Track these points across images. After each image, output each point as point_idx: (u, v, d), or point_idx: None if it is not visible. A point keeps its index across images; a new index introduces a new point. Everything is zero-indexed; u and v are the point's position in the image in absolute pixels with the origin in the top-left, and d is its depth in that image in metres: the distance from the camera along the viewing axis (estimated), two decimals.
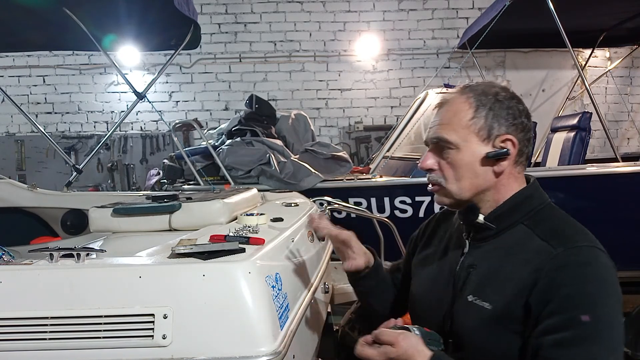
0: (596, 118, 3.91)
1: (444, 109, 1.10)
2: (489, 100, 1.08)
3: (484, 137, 1.07)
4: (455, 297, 1.10)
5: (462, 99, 1.09)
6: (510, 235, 1.08)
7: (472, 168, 1.08)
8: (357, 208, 3.32)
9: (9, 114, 6.17)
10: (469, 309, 1.05)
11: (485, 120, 1.07)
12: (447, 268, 1.16)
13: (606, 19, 4.83)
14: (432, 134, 1.11)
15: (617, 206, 3.47)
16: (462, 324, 1.06)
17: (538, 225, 1.06)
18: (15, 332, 1.00)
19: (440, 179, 1.10)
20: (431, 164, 1.11)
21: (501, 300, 1.01)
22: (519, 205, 1.09)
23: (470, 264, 1.10)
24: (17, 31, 3.37)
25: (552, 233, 1.03)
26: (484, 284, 1.06)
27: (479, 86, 1.11)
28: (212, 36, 6.38)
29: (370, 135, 6.49)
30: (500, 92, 1.09)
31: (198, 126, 4.10)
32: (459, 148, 1.07)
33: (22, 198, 2.67)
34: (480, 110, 1.07)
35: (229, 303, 1.02)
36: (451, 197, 1.11)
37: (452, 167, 1.08)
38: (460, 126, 1.07)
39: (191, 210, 1.70)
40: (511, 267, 1.03)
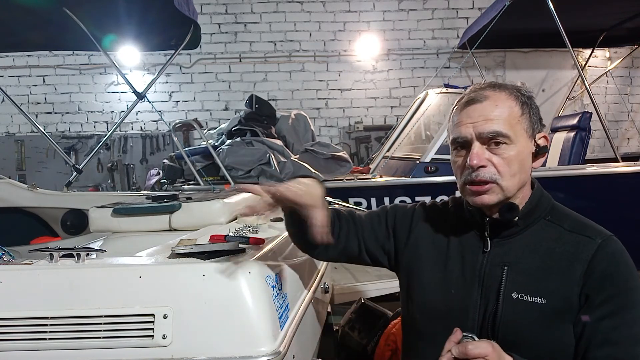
0: (596, 118, 3.91)
1: (489, 104, 1.06)
2: (527, 99, 1.10)
3: (530, 134, 1.09)
4: (491, 298, 1.08)
5: (506, 95, 1.08)
6: (537, 231, 1.10)
7: (523, 164, 1.08)
8: (357, 208, 3.32)
9: (9, 114, 6.17)
10: (517, 306, 1.04)
11: (529, 118, 1.09)
12: (468, 269, 1.12)
13: (606, 19, 4.83)
14: (487, 129, 1.05)
15: (617, 206, 3.46)
16: (513, 322, 1.05)
17: (561, 219, 1.11)
18: (15, 332, 1.00)
19: (495, 175, 1.06)
20: (485, 161, 1.06)
21: (556, 293, 1.03)
22: (540, 202, 1.13)
23: (502, 262, 1.09)
24: (17, 31, 3.37)
25: (581, 226, 1.09)
26: (527, 280, 1.06)
27: (509, 85, 1.12)
28: (212, 36, 6.38)
29: (370, 135, 6.49)
30: (528, 90, 1.13)
31: (198, 126, 4.10)
32: (515, 143, 1.06)
33: (22, 198, 2.67)
34: (525, 107, 1.09)
35: (229, 303, 1.02)
36: (502, 195, 1.07)
37: (507, 163, 1.06)
38: (514, 121, 1.06)
39: (191, 210, 1.70)
40: (553, 261, 1.06)
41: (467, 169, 1.07)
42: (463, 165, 1.09)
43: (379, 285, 2.78)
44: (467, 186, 1.09)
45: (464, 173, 1.09)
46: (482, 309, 1.08)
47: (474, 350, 0.91)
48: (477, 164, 1.05)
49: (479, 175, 1.06)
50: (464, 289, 1.11)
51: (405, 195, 3.68)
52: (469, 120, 1.07)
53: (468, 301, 1.10)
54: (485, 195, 1.07)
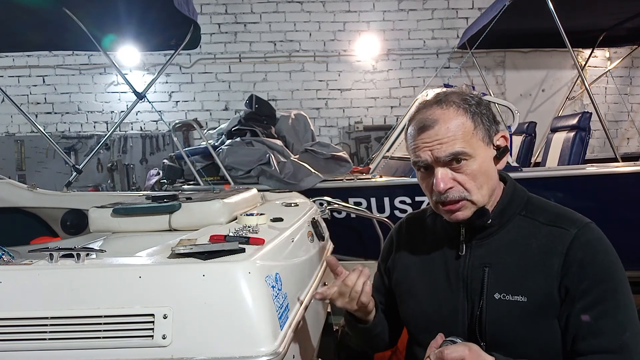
0: (596, 118, 3.91)
1: (440, 127, 1.07)
2: (475, 106, 1.10)
3: (487, 141, 1.10)
4: (475, 300, 1.09)
5: (454, 111, 1.08)
6: (512, 228, 1.11)
7: (488, 173, 1.10)
8: (357, 208, 3.33)
9: (8, 114, 6.17)
10: (499, 306, 1.06)
11: (483, 126, 1.09)
12: (451, 274, 1.14)
13: (606, 19, 4.83)
14: (444, 152, 1.06)
15: (617, 206, 3.46)
16: (497, 322, 1.06)
17: (536, 213, 1.11)
18: (15, 332, 1.00)
19: (464, 193, 1.08)
20: (450, 183, 1.07)
21: (537, 290, 1.03)
22: (513, 199, 1.14)
23: (482, 263, 1.10)
24: (17, 31, 3.36)
25: (556, 217, 1.09)
26: (508, 279, 1.07)
27: (454, 96, 1.11)
28: (212, 36, 6.38)
29: (370, 135, 6.49)
30: (473, 95, 1.12)
31: (198, 126, 4.10)
32: (474, 157, 1.07)
33: (22, 198, 2.67)
34: (476, 117, 1.09)
35: (229, 303, 1.02)
36: (474, 207, 1.09)
37: (472, 178, 1.08)
38: (469, 136, 1.07)
39: (191, 210, 1.70)
40: (531, 257, 1.06)
41: (436, 192, 1.09)
42: (431, 187, 1.10)
43: None
44: (440, 205, 1.11)
45: (434, 194, 1.10)
46: (469, 312, 1.10)
47: (450, 354, 0.92)
48: (443, 188, 1.07)
49: (448, 197, 1.08)
50: (451, 294, 1.13)
51: (405, 195, 3.68)
52: (425, 145, 1.08)
53: (456, 305, 1.12)
54: (459, 212, 1.09)
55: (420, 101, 1.15)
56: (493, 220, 1.11)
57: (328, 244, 2.15)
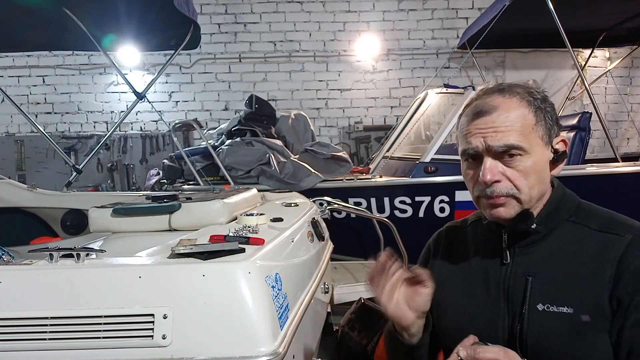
0: (596, 118, 3.92)
1: (499, 115, 0.99)
2: (540, 102, 1.02)
3: (546, 141, 1.02)
4: (517, 311, 1.01)
5: (517, 102, 1.00)
6: (560, 235, 1.03)
7: (541, 174, 1.02)
8: (357, 208, 3.32)
9: (8, 114, 6.17)
10: (544, 318, 0.98)
11: (545, 123, 1.01)
12: (491, 284, 1.07)
13: (606, 19, 4.83)
14: (499, 142, 0.98)
15: (617, 206, 3.44)
16: (540, 335, 0.98)
17: (587, 219, 1.03)
18: (15, 332, 1.00)
19: (512, 189, 0.99)
20: (499, 176, 0.99)
21: (585, 300, 0.95)
22: (561, 204, 1.06)
23: (526, 272, 1.02)
24: (17, 31, 3.37)
25: (609, 223, 1.01)
26: (553, 289, 0.99)
27: (518, 87, 1.03)
28: (212, 36, 6.38)
29: (370, 135, 6.49)
30: (540, 90, 1.04)
31: (198, 126, 4.10)
32: (530, 154, 0.99)
33: (22, 198, 2.67)
34: (539, 113, 1.01)
35: (229, 303, 1.02)
36: (519, 207, 1.01)
37: (523, 176, 0.99)
38: (528, 131, 0.99)
39: (191, 210, 1.70)
40: (579, 266, 0.98)
41: (480, 184, 1.01)
42: (476, 179, 1.02)
43: None
44: (482, 199, 1.04)
45: (477, 187, 1.03)
46: (509, 324, 1.02)
47: (484, 353, 0.87)
48: (490, 180, 0.99)
49: (495, 192, 1.00)
50: (490, 305, 1.06)
51: (405, 195, 3.68)
52: (479, 132, 1.00)
53: (495, 317, 1.04)
54: (502, 209, 1.01)
55: (480, 87, 1.07)
56: (539, 226, 1.02)
57: (328, 244, 2.15)
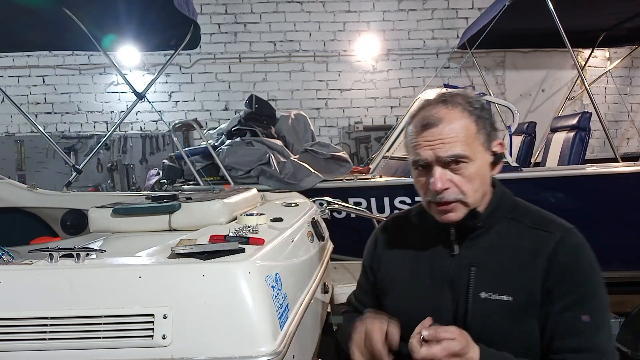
0: (596, 118, 3.91)
1: (445, 126, 1.08)
2: (480, 111, 1.12)
3: (487, 146, 1.12)
4: (461, 299, 1.12)
5: (459, 113, 1.10)
6: (500, 230, 1.15)
7: (484, 177, 1.13)
8: (357, 208, 3.32)
9: (8, 114, 6.16)
10: (486, 305, 1.09)
11: (485, 130, 1.11)
12: (436, 274, 1.17)
13: (606, 19, 4.83)
14: (446, 153, 1.08)
15: (617, 206, 3.46)
16: (482, 321, 1.09)
17: (523, 216, 1.15)
18: (15, 332, 1.00)
19: (459, 195, 1.10)
20: (447, 183, 1.09)
21: (521, 289, 1.07)
22: (501, 202, 1.17)
23: (470, 263, 1.13)
24: (17, 31, 3.36)
25: (542, 221, 1.14)
26: (494, 279, 1.10)
27: (459, 97, 1.12)
28: (212, 36, 6.38)
29: (370, 135, 6.48)
30: (478, 99, 1.14)
31: (198, 126, 4.10)
32: (474, 161, 1.09)
33: (22, 198, 2.67)
34: (480, 121, 1.11)
35: (229, 303, 1.02)
36: (466, 210, 1.12)
37: (469, 181, 1.10)
38: (471, 139, 1.09)
39: (191, 210, 1.70)
40: (517, 258, 1.10)
41: (431, 191, 1.11)
42: (426, 186, 1.12)
43: None
44: (433, 204, 1.13)
45: (428, 193, 1.12)
46: (454, 311, 1.13)
47: (443, 333, 0.98)
48: (441, 188, 1.09)
49: (444, 198, 1.10)
50: (435, 293, 1.15)
51: (405, 195, 3.67)
52: (427, 143, 1.09)
53: (440, 304, 1.14)
54: (452, 214, 1.12)
55: (424, 99, 1.17)
56: (482, 222, 1.14)
57: (328, 244, 2.15)
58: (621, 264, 3.44)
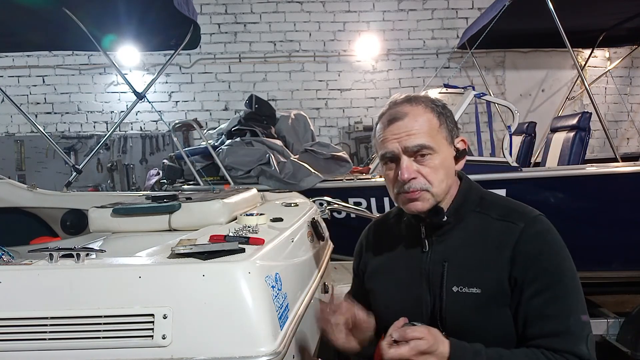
0: (596, 118, 3.91)
1: (410, 120, 1.15)
2: (441, 108, 1.20)
3: (449, 141, 1.20)
4: (436, 293, 1.17)
5: (423, 109, 1.17)
6: (468, 225, 1.19)
7: (448, 169, 1.18)
8: (357, 208, 3.32)
9: (8, 114, 6.16)
10: (457, 298, 1.13)
11: (447, 126, 1.19)
12: (413, 271, 1.21)
13: (606, 19, 4.83)
14: (412, 143, 1.14)
15: (617, 206, 3.46)
16: (455, 313, 1.13)
17: (489, 209, 1.19)
18: (15, 332, 1.00)
19: (426, 184, 1.15)
20: (414, 173, 1.15)
21: (489, 281, 1.12)
22: (468, 197, 1.22)
23: (442, 259, 1.17)
24: (17, 31, 3.36)
25: (507, 212, 1.18)
26: (464, 273, 1.15)
27: (423, 97, 1.21)
28: (212, 36, 6.38)
29: (370, 135, 6.46)
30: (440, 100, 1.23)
31: (198, 126, 4.09)
32: (438, 152, 1.16)
33: (22, 198, 2.67)
34: (442, 117, 1.19)
35: (229, 303, 1.02)
36: (433, 200, 1.17)
37: (434, 172, 1.15)
38: (434, 133, 1.16)
39: (191, 210, 1.70)
40: (485, 251, 1.14)
41: (399, 182, 1.16)
42: (395, 178, 1.18)
43: None
44: (401, 195, 1.18)
45: (397, 185, 1.18)
46: (431, 305, 1.18)
47: (412, 332, 1.01)
48: (408, 177, 1.14)
49: (411, 187, 1.15)
50: (414, 289, 1.20)
51: None
52: (394, 136, 1.16)
53: (419, 299, 1.19)
54: (418, 202, 1.17)
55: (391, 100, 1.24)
56: (449, 218, 1.19)
57: (328, 244, 2.15)
58: (621, 264, 3.44)
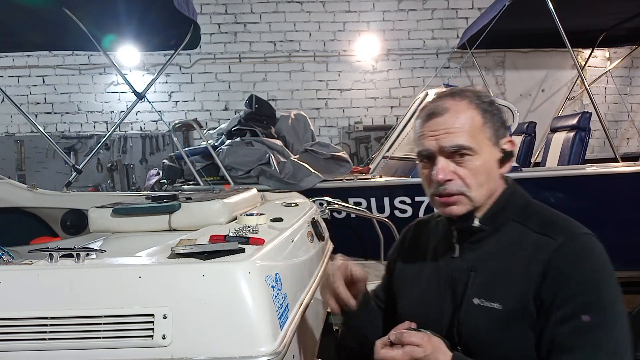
0: (596, 118, 3.92)
1: (450, 117, 1.06)
2: (488, 105, 1.10)
3: (494, 142, 1.09)
4: (457, 303, 1.09)
5: (466, 104, 1.08)
6: (504, 234, 1.09)
7: (490, 173, 1.09)
8: (357, 208, 3.32)
9: (8, 114, 6.16)
10: (477, 312, 1.05)
11: (492, 125, 1.09)
12: (442, 276, 1.14)
13: (606, 19, 4.83)
14: (450, 142, 1.05)
15: (617, 206, 3.46)
16: (472, 327, 1.05)
17: (529, 219, 1.08)
18: (15, 332, 1.00)
19: (463, 187, 1.07)
20: (450, 175, 1.06)
21: (511, 298, 1.02)
22: (508, 203, 1.12)
23: (469, 268, 1.09)
24: (17, 31, 3.36)
25: (547, 225, 1.06)
26: (488, 285, 1.06)
27: (468, 91, 1.11)
28: (212, 36, 6.38)
29: (370, 135, 6.49)
30: (488, 96, 1.13)
31: (198, 126, 4.10)
32: (479, 154, 1.06)
33: (22, 198, 2.67)
34: (487, 115, 1.08)
35: (229, 303, 1.01)
36: (470, 205, 1.08)
37: (473, 174, 1.06)
38: (476, 132, 1.06)
39: (191, 210, 1.70)
40: (514, 265, 1.04)
41: (434, 183, 1.08)
42: (430, 178, 1.09)
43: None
44: (436, 197, 1.10)
45: (432, 185, 1.09)
46: (452, 315, 1.09)
47: (409, 337, 0.97)
48: (442, 179, 1.06)
49: (447, 189, 1.07)
50: (438, 297, 1.13)
51: (405, 195, 3.68)
52: (432, 133, 1.07)
53: (442, 308, 1.11)
54: (454, 207, 1.08)
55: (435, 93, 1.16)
56: (484, 225, 1.10)
57: (328, 244, 2.15)
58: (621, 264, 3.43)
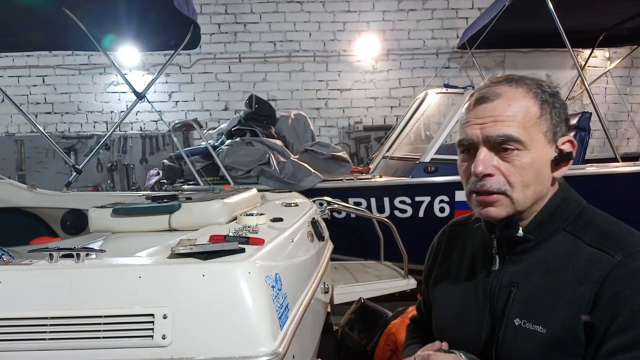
0: (596, 118, 3.91)
1: (501, 103, 0.91)
2: (550, 96, 0.94)
3: (550, 138, 0.93)
4: (496, 321, 0.96)
5: (523, 92, 0.92)
6: (552, 246, 0.94)
7: (539, 173, 0.93)
8: (357, 208, 3.32)
9: (8, 114, 6.17)
10: (518, 334, 0.92)
11: (550, 119, 0.93)
12: (480, 289, 1.01)
13: (606, 19, 4.83)
14: (496, 132, 0.90)
15: (617, 206, 3.45)
16: (512, 351, 0.92)
17: (583, 230, 0.93)
18: (15, 332, 1.00)
19: (504, 185, 0.91)
20: (491, 169, 0.92)
21: (557, 322, 0.88)
22: (558, 210, 0.96)
23: (511, 282, 0.95)
24: (17, 31, 3.37)
25: (603, 237, 0.90)
26: (531, 304, 0.92)
27: (529, 78, 0.96)
28: (212, 36, 6.38)
29: (370, 135, 6.49)
30: (552, 86, 0.97)
31: (198, 126, 4.10)
32: (529, 149, 0.91)
33: (22, 198, 2.67)
34: (545, 107, 0.93)
35: (229, 303, 1.01)
36: (511, 208, 0.93)
37: (519, 172, 0.91)
38: (530, 124, 0.91)
39: (191, 210, 1.70)
40: (562, 283, 0.90)
41: (473, 176, 0.94)
42: (469, 171, 0.95)
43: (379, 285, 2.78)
44: (473, 195, 0.96)
45: (470, 180, 0.95)
46: (489, 334, 0.97)
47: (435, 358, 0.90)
48: (482, 172, 0.91)
49: (485, 185, 0.92)
50: (477, 312, 1.00)
51: (405, 195, 3.68)
52: (477, 120, 0.93)
53: (480, 324, 0.99)
54: (492, 208, 0.94)
55: (490, 77, 0.99)
56: (529, 235, 0.95)
57: (328, 244, 2.15)
58: None
